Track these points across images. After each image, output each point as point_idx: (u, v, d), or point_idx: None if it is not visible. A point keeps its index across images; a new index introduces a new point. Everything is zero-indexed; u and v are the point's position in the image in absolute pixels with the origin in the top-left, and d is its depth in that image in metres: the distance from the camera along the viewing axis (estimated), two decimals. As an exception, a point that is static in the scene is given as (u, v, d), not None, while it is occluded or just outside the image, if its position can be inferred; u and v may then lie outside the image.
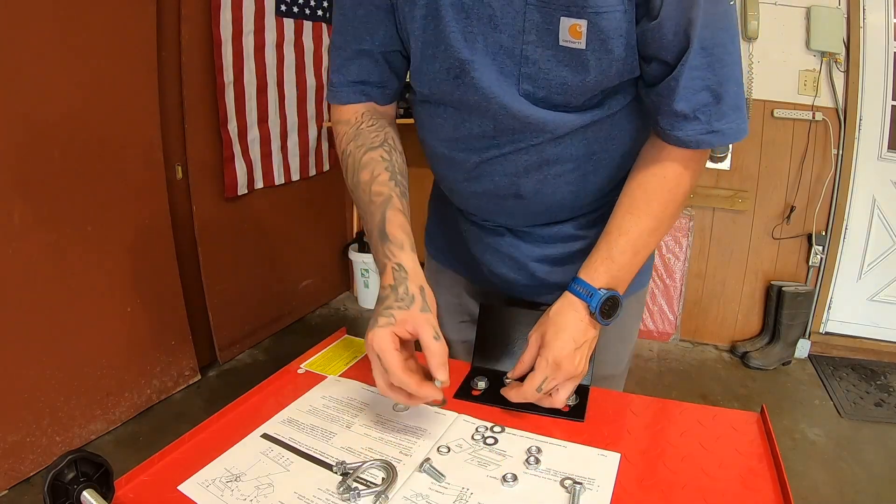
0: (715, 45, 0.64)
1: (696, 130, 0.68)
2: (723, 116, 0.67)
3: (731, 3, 0.65)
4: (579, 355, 0.78)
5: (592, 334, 0.80)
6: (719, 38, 0.64)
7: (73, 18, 1.92)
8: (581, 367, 0.78)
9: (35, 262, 1.90)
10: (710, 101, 0.66)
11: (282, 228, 3.13)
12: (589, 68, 0.66)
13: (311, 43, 3.04)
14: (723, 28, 0.64)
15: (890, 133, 2.57)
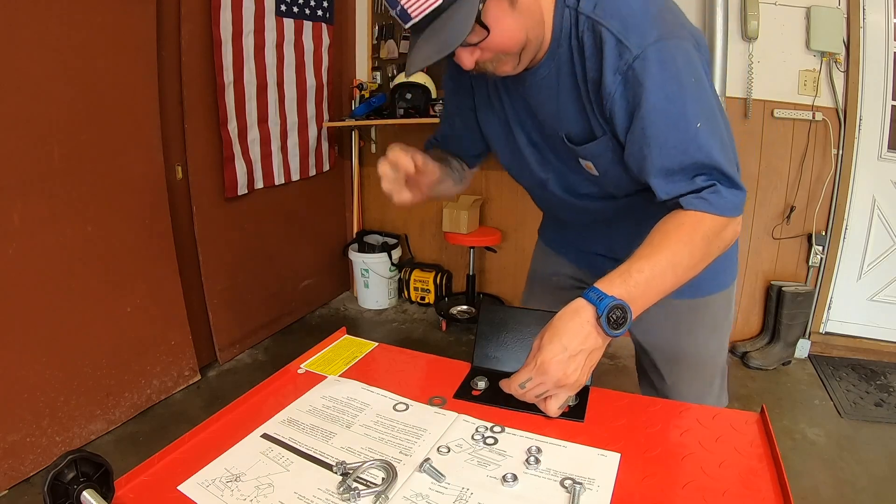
0: (661, 122, 0.80)
1: (679, 192, 0.82)
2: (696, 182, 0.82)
3: (689, 69, 0.80)
4: (573, 364, 0.76)
5: (594, 343, 0.77)
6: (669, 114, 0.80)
7: (73, 18, 1.92)
8: (573, 376, 0.76)
9: (35, 262, 1.90)
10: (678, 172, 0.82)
11: (282, 228, 3.13)
12: (607, 184, 0.95)
13: (311, 43, 3.04)
14: (674, 109, 0.79)
15: (890, 133, 2.57)
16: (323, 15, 3.09)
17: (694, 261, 0.80)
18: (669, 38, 0.78)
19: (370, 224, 3.71)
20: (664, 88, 0.78)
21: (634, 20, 0.78)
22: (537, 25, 0.85)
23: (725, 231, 0.82)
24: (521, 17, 0.81)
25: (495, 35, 0.80)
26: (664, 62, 0.78)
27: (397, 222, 3.63)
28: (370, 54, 3.43)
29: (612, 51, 0.79)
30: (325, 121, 3.27)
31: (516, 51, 0.84)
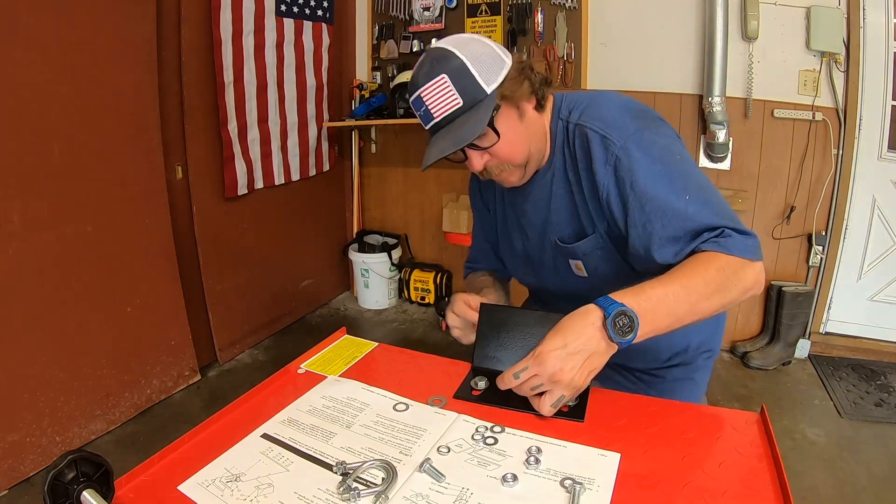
0: (658, 197, 0.87)
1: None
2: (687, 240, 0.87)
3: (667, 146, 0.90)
4: (571, 361, 0.76)
5: (596, 346, 0.77)
6: (659, 189, 0.88)
7: (74, 18, 1.92)
8: (570, 374, 0.76)
9: (35, 262, 1.90)
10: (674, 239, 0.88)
11: (282, 228, 3.13)
12: (597, 282, 1.01)
13: (311, 43, 3.04)
14: (662, 187, 0.87)
15: (890, 133, 2.57)
16: (323, 15, 3.09)
17: (709, 290, 0.81)
18: (646, 128, 0.90)
19: (370, 224, 3.71)
20: (651, 169, 0.87)
21: (614, 119, 0.91)
22: (540, 140, 0.97)
23: (744, 272, 0.83)
24: (526, 129, 0.94)
25: (503, 142, 0.91)
26: (645, 147, 0.88)
27: (397, 222, 3.64)
28: (370, 54, 3.43)
29: (598, 146, 0.90)
30: (325, 121, 3.27)
31: (521, 161, 0.95)
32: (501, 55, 0.91)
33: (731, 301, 0.83)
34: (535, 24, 2.96)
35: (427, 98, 0.88)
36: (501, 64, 0.90)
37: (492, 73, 0.88)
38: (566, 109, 0.98)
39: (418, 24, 3.24)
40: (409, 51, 3.29)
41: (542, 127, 0.97)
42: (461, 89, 0.86)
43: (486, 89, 0.87)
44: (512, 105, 0.91)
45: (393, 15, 3.30)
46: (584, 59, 2.93)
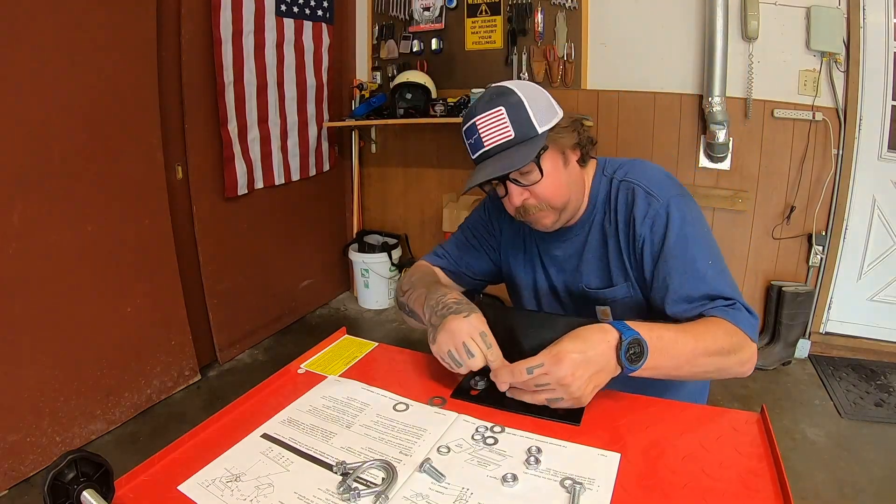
0: (686, 261, 0.94)
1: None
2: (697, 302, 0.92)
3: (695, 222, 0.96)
4: (584, 369, 0.76)
5: (606, 363, 0.78)
6: (689, 253, 0.94)
7: (74, 18, 1.92)
8: (579, 382, 0.76)
9: (35, 262, 1.90)
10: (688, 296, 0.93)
11: (282, 228, 3.12)
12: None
13: (311, 43, 3.04)
14: (691, 248, 0.94)
15: (890, 133, 2.57)
16: (323, 15, 3.09)
17: (713, 349, 0.85)
18: (684, 195, 0.99)
19: (370, 224, 3.71)
20: (683, 231, 0.94)
21: (658, 180, 0.99)
22: (579, 190, 1.03)
23: (744, 346, 0.88)
24: (569, 176, 0.99)
25: (546, 181, 0.96)
26: (682, 211, 0.95)
27: (397, 222, 3.63)
28: (370, 54, 3.43)
29: (643, 200, 0.97)
30: (325, 121, 3.27)
31: (560, 205, 0.99)
32: (556, 106, 0.99)
33: (725, 369, 0.88)
34: (535, 24, 2.96)
35: (481, 126, 0.93)
36: (554, 112, 0.97)
37: (545, 116, 0.94)
38: (611, 169, 1.05)
39: (418, 24, 3.24)
40: (409, 51, 3.29)
41: (582, 180, 1.03)
42: (515, 123, 0.92)
43: (538, 129, 0.93)
44: (558, 150, 0.97)
45: (393, 15, 3.29)
46: (584, 59, 2.93)
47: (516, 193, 0.96)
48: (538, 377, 0.78)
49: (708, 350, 0.84)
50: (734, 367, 0.88)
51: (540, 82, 3.02)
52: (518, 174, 0.95)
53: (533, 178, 0.95)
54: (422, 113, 3.07)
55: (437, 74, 3.18)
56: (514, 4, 2.99)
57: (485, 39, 3.12)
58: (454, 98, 3.09)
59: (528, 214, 1.00)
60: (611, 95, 2.94)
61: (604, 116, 2.98)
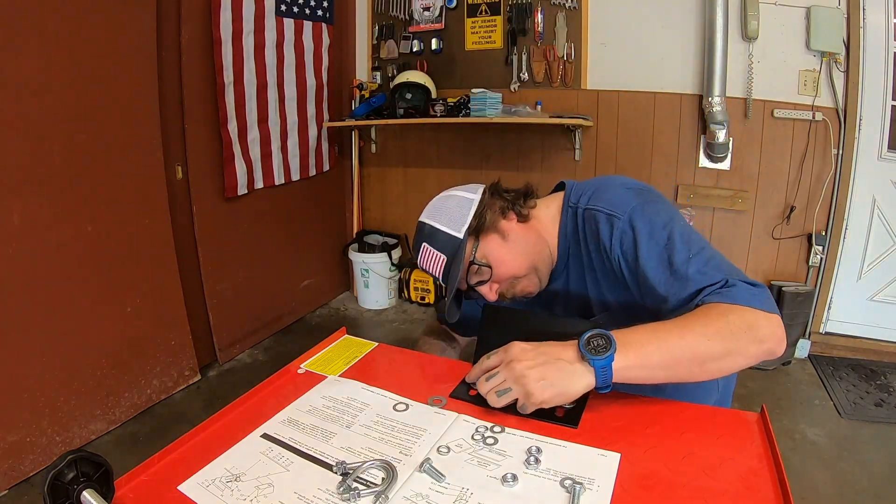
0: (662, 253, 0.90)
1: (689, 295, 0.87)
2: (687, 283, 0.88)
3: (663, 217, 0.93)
4: (539, 369, 0.76)
5: (561, 353, 0.77)
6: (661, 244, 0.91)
7: (74, 18, 1.92)
8: (532, 380, 0.75)
9: (35, 262, 1.90)
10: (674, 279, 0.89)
11: (282, 228, 3.12)
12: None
13: (311, 43, 3.04)
14: (666, 251, 0.90)
15: (890, 133, 2.57)
16: (323, 15, 3.09)
17: (709, 331, 0.78)
18: (647, 202, 0.96)
19: (370, 224, 3.71)
20: (653, 238, 0.91)
21: (617, 198, 0.97)
22: (537, 244, 1.02)
23: (754, 320, 0.80)
24: (516, 245, 1.00)
25: (497, 267, 0.98)
26: (646, 218, 0.93)
27: (397, 222, 3.63)
28: (370, 54, 3.43)
29: (605, 224, 0.95)
30: (325, 121, 3.27)
31: (525, 272, 1.00)
32: (468, 196, 1.01)
33: (742, 351, 0.79)
34: (535, 24, 2.96)
35: (425, 266, 1.01)
36: (468, 205, 0.99)
37: (459, 219, 0.98)
38: (575, 197, 1.03)
39: (418, 24, 3.24)
40: (409, 51, 3.29)
41: (534, 234, 1.03)
42: (440, 247, 0.97)
43: (458, 236, 0.97)
44: (491, 232, 0.99)
45: (393, 15, 3.29)
46: (584, 59, 2.93)
47: (486, 292, 1.00)
48: (498, 383, 0.79)
49: (701, 334, 0.78)
50: (752, 347, 0.79)
51: (540, 82, 3.03)
52: (476, 276, 0.99)
53: (486, 274, 0.98)
54: (422, 113, 3.07)
55: (437, 74, 3.18)
56: (514, 4, 2.99)
57: (485, 39, 3.12)
58: (454, 98, 3.09)
59: (512, 294, 1.02)
60: (611, 95, 2.94)
61: (604, 116, 2.98)
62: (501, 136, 3.21)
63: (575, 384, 0.76)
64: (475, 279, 0.99)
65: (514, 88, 3.10)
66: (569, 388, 0.76)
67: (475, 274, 0.99)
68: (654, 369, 0.78)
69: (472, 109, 2.93)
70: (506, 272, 0.99)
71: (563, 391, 0.76)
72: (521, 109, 2.90)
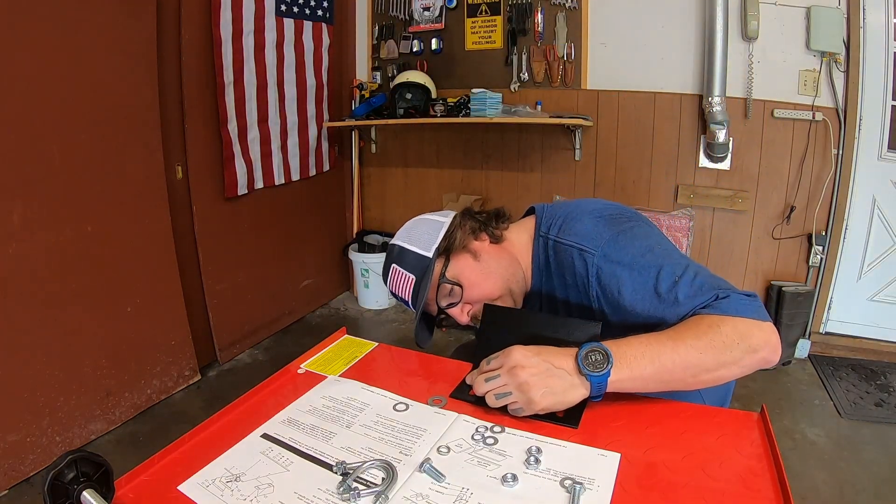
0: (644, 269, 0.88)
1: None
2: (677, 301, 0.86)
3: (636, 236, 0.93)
4: (541, 378, 0.77)
5: (562, 363, 0.78)
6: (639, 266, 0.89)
7: (74, 18, 1.92)
8: (535, 388, 0.76)
9: (35, 262, 1.90)
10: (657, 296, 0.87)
11: (282, 229, 3.12)
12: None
13: (311, 43, 3.04)
14: (650, 280, 0.87)
15: (890, 133, 2.57)
16: (323, 15, 3.09)
17: (700, 343, 0.78)
18: (620, 233, 0.93)
19: (370, 224, 3.71)
20: (633, 270, 0.88)
21: (588, 231, 0.94)
22: (510, 266, 1.01)
23: (746, 329, 0.79)
24: (488, 265, 0.99)
25: (468, 288, 0.97)
26: (622, 252, 0.90)
27: (397, 222, 3.61)
28: (370, 54, 3.43)
29: (580, 262, 0.93)
30: (325, 121, 3.27)
31: (498, 294, 0.99)
32: (439, 219, 1.02)
33: (736, 361, 0.79)
34: (535, 24, 2.96)
35: (394, 289, 1.01)
36: (438, 227, 1.00)
37: (429, 240, 0.98)
38: (546, 225, 1.02)
39: (418, 24, 3.24)
40: (409, 51, 3.29)
41: (507, 255, 1.02)
42: (410, 268, 0.98)
43: (427, 255, 0.97)
44: (461, 252, 0.99)
45: (393, 15, 3.29)
46: (584, 59, 2.93)
47: (457, 314, 0.99)
48: (492, 371, 0.81)
49: (693, 346, 0.78)
50: (745, 358, 0.79)
51: (540, 82, 3.03)
52: (447, 298, 0.98)
53: (457, 295, 0.97)
54: (422, 113, 3.07)
55: (437, 74, 3.18)
56: (514, 4, 2.99)
57: (485, 39, 3.12)
58: (454, 98, 3.09)
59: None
60: (611, 95, 2.94)
61: (604, 116, 2.98)
62: (501, 137, 3.21)
63: (573, 394, 0.78)
64: (445, 301, 0.99)
65: (514, 88, 3.10)
66: (567, 398, 0.78)
67: (446, 295, 0.99)
68: (647, 381, 0.79)
69: (472, 109, 2.93)
70: (478, 293, 0.98)
71: (563, 400, 0.78)
72: (521, 109, 2.90)
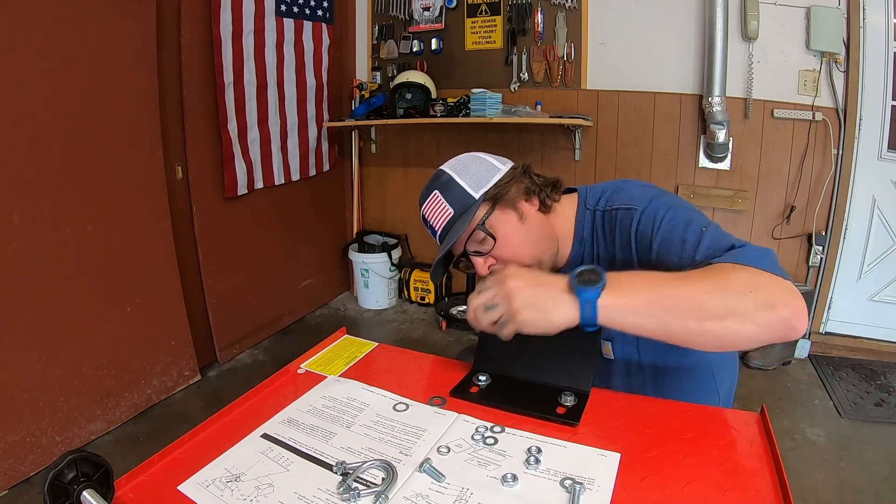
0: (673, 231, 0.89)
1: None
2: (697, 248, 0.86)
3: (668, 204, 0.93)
4: (529, 290, 0.76)
5: (550, 280, 0.78)
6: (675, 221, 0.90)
7: (74, 18, 1.92)
8: (520, 297, 0.75)
9: (35, 263, 1.90)
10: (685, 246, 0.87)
11: (282, 228, 3.13)
12: (619, 365, 1.05)
13: (311, 43, 3.04)
14: (680, 227, 0.89)
15: (890, 133, 2.57)
16: (323, 15, 3.09)
17: (708, 285, 0.73)
18: (661, 195, 0.96)
19: (370, 224, 3.71)
20: (669, 215, 0.90)
21: (634, 194, 0.96)
22: (548, 240, 0.99)
23: (761, 281, 0.73)
24: (529, 231, 0.96)
25: (503, 243, 0.94)
26: (664, 204, 0.92)
27: (397, 222, 3.63)
28: (370, 54, 3.43)
29: (624, 217, 0.95)
30: (325, 121, 3.27)
31: (528, 262, 0.95)
32: (496, 164, 0.98)
33: (747, 313, 0.71)
34: (535, 24, 2.96)
35: (427, 214, 0.98)
36: (494, 171, 0.97)
37: (481, 181, 0.95)
38: (593, 199, 1.01)
39: (418, 24, 3.24)
40: (409, 51, 3.29)
41: (550, 228, 1.00)
42: (451, 200, 0.94)
43: (473, 195, 0.94)
44: (508, 207, 0.95)
45: (393, 15, 3.29)
46: (584, 59, 2.93)
47: (479, 264, 0.96)
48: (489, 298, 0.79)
49: (699, 288, 0.72)
50: (760, 313, 0.70)
51: (540, 82, 3.03)
52: (476, 244, 0.95)
53: (488, 245, 0.94)
54: (422, 113, 3.07)
55: (437, 74, 3.18)
56: (514, 4, 2.99)
57: (485, 39, 3.12)
58: (454, 98, 3.09)
59: None
60: (611, 95, 2.94)
61: (604, 116, 2.98)
62: (501, 137, 3.22)
63: (558, 312, 0.74)
64: (474, 247, 0.96)
65: (514, 88, 3.10)
66: (552, 314, 0.74)
67: (477, 242, 0.95)
68: (642, 315, 0.73)
69: (472, 109, 2.93)
70: (508, 254, 0.94)
71: (547, 316, 0.74)
72: (521, 109, 2.90)
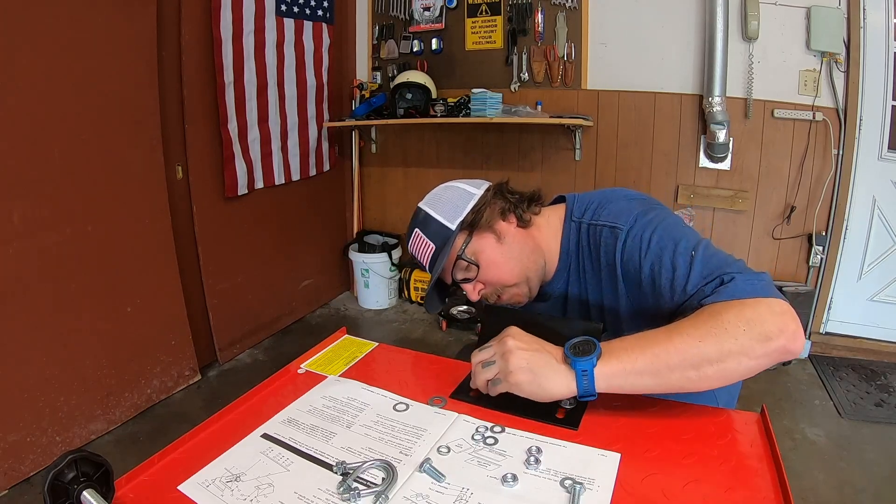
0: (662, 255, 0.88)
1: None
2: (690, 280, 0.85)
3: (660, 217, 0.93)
4: (527, 353, 0.78)
5: (551, 349, 0.79)
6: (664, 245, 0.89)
7: (74, 18, 1.92)
8: (516, 358, 0.77)
9: (35, 263, 1.90)
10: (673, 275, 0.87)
11: (282, 228, 3.12)
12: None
13: (311, 43, 3.04)
14: (667, 253, 0.87)
15: (890, 133, 2.57)
16: (323, 15, 3.09)
17: (699, 332, 0.74)
18: (647, 212, 0.94)
19: (370, 224, 3.71)
20: (659, 244, 0.89)
21: (619, 210, 0.96)
22: (532, 254, 0.99)
23: (754, 314, 0.73)
24: (510, 249, 0.97)
25: (486, 267, 0.96)
26: (649, 226, 0.91)
27: (397, 222, 3.64)
28: (370, 54, 3.43)
29: (609, 236, 0.95)
30: (325, 121, 3.27)
31: (514, 281, 0.98)
32: (469, 190, 1.00)
33: (744, 350, 0.72)
34: (535, 24, 2.96)
35: (414, 252, 1.02)
36: (468, 198, 0.98)
37: (455, 211, 0.97)
38: (579, 210, 1.01)
39: (418, 24, 3.24)
40: (409, 51, 3.29)
41: (532, 242, 1.00)
42: (431, 235, 0.97)
43: (450, 227, 0.96)
44: (485, 231, 0.97)
45: (393, 15, 3.30)
46: (584, 59, 2.93)
47: (469, 290, 0.99)
48: (487, 354, 0.82)
49: (692, 336, 0.73)
50: (756, 346, 0.71)
51: (540, 82, 3.03)
52: (462, 272, 0.98)
53: (472, 272, 0.97)
54: (422, 113, 3.07)
55: (437, 74, 3.18)
56: (514, 4, 2.99)
57: (485, 39, 3.12)
58: (454, 98, 3.09)
59: (498, 299, 1.01)
60: (611, 95, 2.94)
61: (604, 116, 2.98)
62: (502, 137, 3.22)
63: (555, 382, 0.76)
64: (461, 275, 0.99)
65: (514, 88, 3.11)
66: (546, 383, 0.76)
67: (461, 270, 0.98)
68: (640, 376, 0.75)
69: (473, 109, 2.93)
70: (494, 276, 0.97)
71: (541, 383, 0.76)
72: (521, 109, 2.90)
